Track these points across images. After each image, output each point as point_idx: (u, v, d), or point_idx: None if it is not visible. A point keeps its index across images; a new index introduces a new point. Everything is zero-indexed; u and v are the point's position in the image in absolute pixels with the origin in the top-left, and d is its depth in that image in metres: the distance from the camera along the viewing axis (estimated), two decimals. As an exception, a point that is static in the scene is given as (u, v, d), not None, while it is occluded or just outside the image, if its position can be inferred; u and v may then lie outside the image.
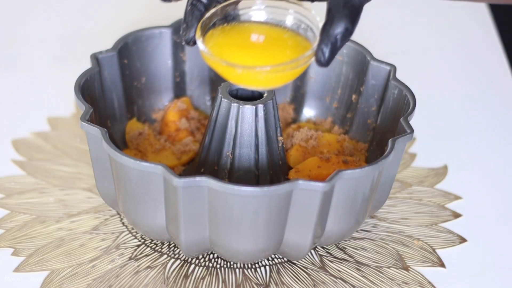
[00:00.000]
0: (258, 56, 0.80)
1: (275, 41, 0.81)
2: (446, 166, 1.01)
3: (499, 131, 1.07)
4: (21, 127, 1.04)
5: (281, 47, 0.81)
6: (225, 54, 0.79)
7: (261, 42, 0.82)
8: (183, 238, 0.82)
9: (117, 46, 0.95)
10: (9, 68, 1.17)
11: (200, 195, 0.78)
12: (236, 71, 0.78)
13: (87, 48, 1.00)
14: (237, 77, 0.79)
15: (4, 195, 0.95)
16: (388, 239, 0.91)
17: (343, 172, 0.79)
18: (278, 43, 0.81)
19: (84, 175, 0.97)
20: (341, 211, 0.82)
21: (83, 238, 0.90)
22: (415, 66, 1.19)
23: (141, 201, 0.82)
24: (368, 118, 0.96)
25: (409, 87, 0.90)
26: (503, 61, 1.20)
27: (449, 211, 0.94)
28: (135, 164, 0.79)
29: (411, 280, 0.86)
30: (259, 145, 0.89)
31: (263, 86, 0.84)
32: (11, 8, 1.30)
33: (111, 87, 0.95)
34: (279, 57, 0.79)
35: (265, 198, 0.78)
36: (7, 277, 0.85)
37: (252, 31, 0.82)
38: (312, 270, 0.87)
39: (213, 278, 0.86)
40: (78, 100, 0.86)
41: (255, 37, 0.82)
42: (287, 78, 0.80)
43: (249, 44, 0.82)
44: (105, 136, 0.81)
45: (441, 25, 1.30)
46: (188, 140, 0.97)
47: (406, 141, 0.84)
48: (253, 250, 0.83)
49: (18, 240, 0.89)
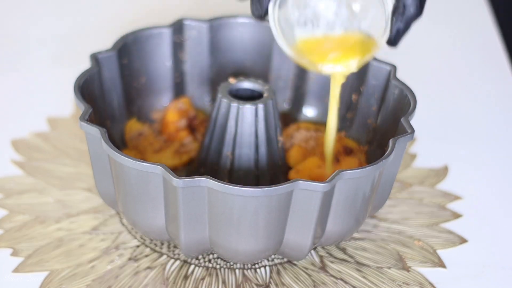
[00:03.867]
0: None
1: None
2: (446, 166, 1.01)
3: (499, 131, 1.07)
4: (20, 127, 1.04)
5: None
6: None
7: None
8: (182, 238, 0.82)
9: (117, 46, 0.95)
10: (9, 68, 1.17)
11: (200, 195, 0.78)
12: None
13: (87, 48, 1.00)
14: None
15: (4, 195, 0.94)
16: (388, 240, 0.91)
17: (343, 172, 0.79)
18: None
19: (83, 175, 0.97)
20: (342, 211, 0.82)
21: (82, 239, 0.90)
22: (415, 66, 1.19)
23: (141, 201, 0.82)
24: (368, 118, 0.96)
25: (409, 87, 0.90)
26: (504, 61, 1.20)
27: (449, 211, 0.94)
28: (135, 164, 0.79)
29: (412, 280, 0.86)
30: (259, 145, 0.89)
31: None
32: (11, 8, 1.30)
33: (111, 87, 0.95)
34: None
35: (265, 198, 0.78)
36: (6, 277, 0.85)
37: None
38: (312, 270, 0.87)
39: (212, 278, 0.86)
40: (78, 100, 0.86)
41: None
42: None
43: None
44: (105, 136, 0.81)
45: (441, 25, 1.30)
46: (188, 140, 0.97)
47: (406, 141, 0.84)
48: (253, 250, 0.83)
49: (18, 241, 0.89)
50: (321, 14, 0.86)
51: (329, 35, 0.86)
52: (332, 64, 0.87)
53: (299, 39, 0.86)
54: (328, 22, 0.86)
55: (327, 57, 0.86)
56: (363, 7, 0.86)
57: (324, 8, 0.86)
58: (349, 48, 0.86)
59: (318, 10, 0.86)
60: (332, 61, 0.87)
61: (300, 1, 0.86)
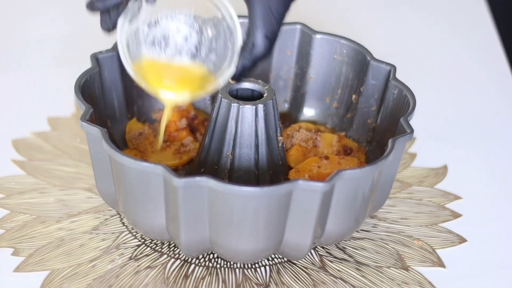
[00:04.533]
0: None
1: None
2: (446, 166, 1.01)
3: (499, 131, 1.07)
4: (21, 127, 1.04)
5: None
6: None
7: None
8: (183, 238, 0.82)
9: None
10: (9, 68, 1.17)
11: (200, 195, 0.78)
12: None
13: (87, 48, 1.00)
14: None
15: (4, 195, 0.95)
16: (388, 239, 0.91)
17: (343, 172, 0.79)
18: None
19: (84, 175, 0.97)
20: (341, 211, 0.82)
21: (83, 238, 0.90)
22: (415, 66, 1.19)
23: (141, 201, 0.82)
24: (368, 118, 0.96)
25: (409, 87, 0.90)
26: (503, 61, 1.20)
27: (449, 211, 0.94)
28: (135, 164, 0.79)
29: (411, 280, 0.86)
30: (259, 145, 0.89)
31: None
32: (11, 9, 1.30)
33: (111, 87, 0.95)
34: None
35: (265, 198, 0.78)
36: (7, 277, 0.85)
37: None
38: (312, 270, 0.87)
39: (213, 278, 0.86)
40: (78, 100, 0.86)
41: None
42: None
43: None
44: (105, 136, 0.81)
45: (441, 25, 1.30)
46: (188, 140, 0.97)
47: (406, 141, 0.84)
48: (253, 250, 0.83)
49: (18, 240, 0.89)
50: (171, 35, 0.87)
51: (173, 63, 0.88)
52: (167, 90, 0.88)
53: (144, 59, 0.87)
54: (176, 45, 0.87)
55: (163, 82, 0.87)
56: (214, 37, 0.87)
57: (175, 29, 0.87)
58: (187, 79, 0.88)
59: (169, 31, 0.87)
60: (167, 88, 0.88)
61: (152, 18, 0.87)
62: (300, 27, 0.99)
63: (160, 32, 0.87)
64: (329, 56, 0.98)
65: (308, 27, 0.99)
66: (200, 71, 0.88)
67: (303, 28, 0.99)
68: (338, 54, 0.98)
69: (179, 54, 0.87)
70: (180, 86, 0.88)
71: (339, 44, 0.98)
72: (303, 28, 0.99)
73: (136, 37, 0.87)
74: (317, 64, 0.99)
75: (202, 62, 0.88)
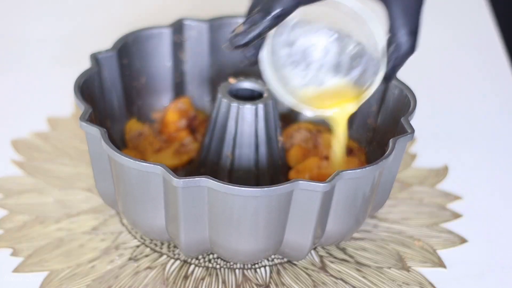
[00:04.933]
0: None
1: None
2: (446, 167, 1.01)
3: (499, 131, 1.07)
4: (21, 127, 1.04)
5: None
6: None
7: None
8: (183, 238, 0.82)
9: (117, 46, 0.95)
10: (9, 68, 1.17)
11: (200, 195, 0.78)
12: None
13: (87, 48, 1.00)
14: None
15: (4, 195, 0.94)
16: (388, 240, 0.91)
17: (343, 172, 0.79)
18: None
19: (83, 175, 0.97)
20: (341, 211, 0.82)
21: (82, 239, 0.90)
22: (415, 66, 1.19)
23: (141, 201, 0.82)
24: (368, 118, 0.96)
25: (409, 87, 0.90)
26: (504, 61, 1.20)
27: (449, 211, 0.94)
28: (135, 164, 0.79)
29: (412, 280, 0.86)
30: (259, 145, 0.89)
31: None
32: (11, 8, 1.30)
33: (111, 87, 0.95)
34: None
35: (265, 198, 0.78)
36: (6, 277, 0.85)
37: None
38: (313, 270, 0.87)
39: (213, 278, 0.86)
40: (78, 100, 0.86)
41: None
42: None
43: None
44: (105, 136, 0.81)
45: (441, 25, 1.30)
46: (188, 140, 0.97)
47: (406, 141, 0.84)
48: (253, 250, 0.83)
49: (18, 241, 0.89)
50: (311, 51, 0.86)
51: (321, 89, 0.87)
52: (332, 108, 0.87)
53: (296, 89, 0.86)
54: (319, 60, 0.86)
55: (324, 104, 0.87)
56: (352, 46, 0.87)
57: (312, 44, 0.86)
58: (341, 95, 0.87)
59: (307, 46, 0.85)
60: (330, 106, 0.87)
61: (290, 38, 0.85)
62: (300, 27, 0.99)
63: (300, 50, 0.86)
64: (330, 56, 0.98)
65: (308, 27, 0.99)
66: (346, 82, 0.87)
67: (303, 28, 0.99)
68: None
69: (321, 70, 0.86)
70: (338, 102, 0.87)
71: (339, 44, 0.97)
72: (303, 28, 0.99)
73: (277, 63, 0.85)
74: (317, 64, 0.99)
75: (346, 74, 0.87)
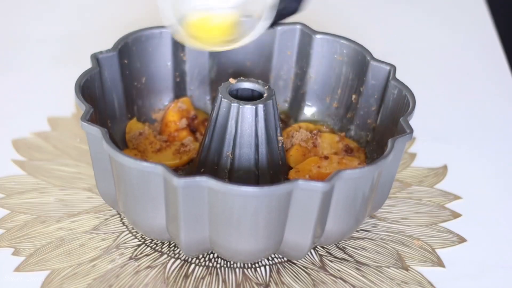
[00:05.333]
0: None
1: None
2: (445, 166, 1.01)
3: (499, 131, 1.08)
4: (21, 127, 1.04)
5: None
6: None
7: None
8: (183, 238, 0.82)
9: (117, 46, 0.95)
10: (9, 68, 1.17)
11: (200, 195, 0.78)
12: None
13: (87, 48, 1.00)
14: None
15: (5, 195, 0.95)
16: (388, 239, 0.91)
17: (343, 172, 0.79)
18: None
19: (84, 175, 0.97)
20: (341, 211, 0.82)
21: (83, 238, 0.90)
22: (415, 66, 1.19)
23: (141, 201, 0.82)
24: (368, 118, 0.96)
25: (408, 87, 0.90)
26: (503, 61, 1.20)
27: (448, 211, 0.95)
28: (135, 164, 0.80)
29: (411, 279, 0.86)
30: (259, 145, 0.89)
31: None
32: (11, 8, 1.30)
33: (111, 87, 0.95)
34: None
35: (265, 198, 0.78)
36: (7, 277, 0.85)
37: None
38: (312, 269, 0.87)
39: (213, 278, 0.86)
40: (79, 100, 0.86)
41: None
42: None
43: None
44: (105, 136, 0.81)
45: (441, 25, 1.30)
46: (188, 140, 0.97)
47: (405, 141, 0.84)
48: (253, 250, 0.83)
49: (19, 240, 0.89)
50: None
51: (208, 17, 0.87)
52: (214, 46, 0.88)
53: (190, 18, 0.86)
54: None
55: (209, 39, 0.87)
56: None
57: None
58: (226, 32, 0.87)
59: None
60: (213, 43, 0.87)
61: None
62: (300, 27, 0.99)
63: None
64: (329, 56, 0.98)
65: (308, 27, 0.99)
66: (232, 18, 0.87)
67: (303, 28, 0.99)
68: (338, 54, 0.98)
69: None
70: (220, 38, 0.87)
71: (339, 44, 0.98)
72: (303, 28, 0.99)
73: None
74: (317, 64, 0.99)
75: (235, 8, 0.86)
